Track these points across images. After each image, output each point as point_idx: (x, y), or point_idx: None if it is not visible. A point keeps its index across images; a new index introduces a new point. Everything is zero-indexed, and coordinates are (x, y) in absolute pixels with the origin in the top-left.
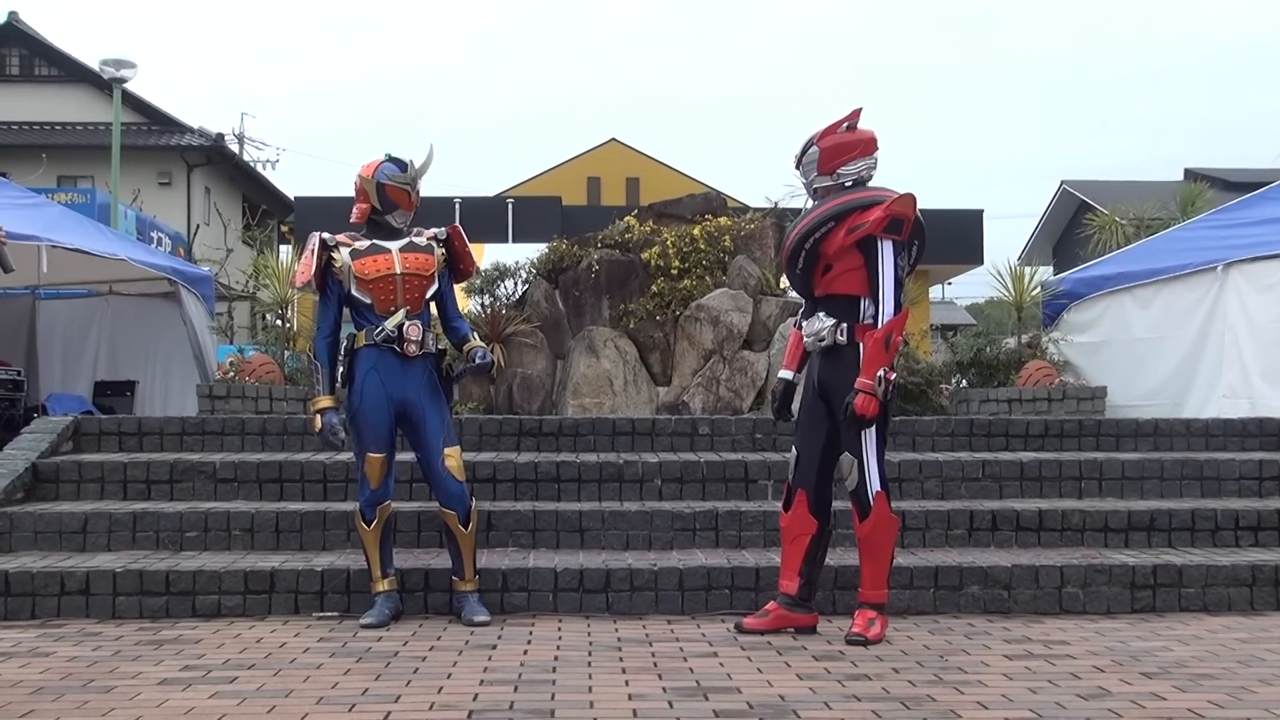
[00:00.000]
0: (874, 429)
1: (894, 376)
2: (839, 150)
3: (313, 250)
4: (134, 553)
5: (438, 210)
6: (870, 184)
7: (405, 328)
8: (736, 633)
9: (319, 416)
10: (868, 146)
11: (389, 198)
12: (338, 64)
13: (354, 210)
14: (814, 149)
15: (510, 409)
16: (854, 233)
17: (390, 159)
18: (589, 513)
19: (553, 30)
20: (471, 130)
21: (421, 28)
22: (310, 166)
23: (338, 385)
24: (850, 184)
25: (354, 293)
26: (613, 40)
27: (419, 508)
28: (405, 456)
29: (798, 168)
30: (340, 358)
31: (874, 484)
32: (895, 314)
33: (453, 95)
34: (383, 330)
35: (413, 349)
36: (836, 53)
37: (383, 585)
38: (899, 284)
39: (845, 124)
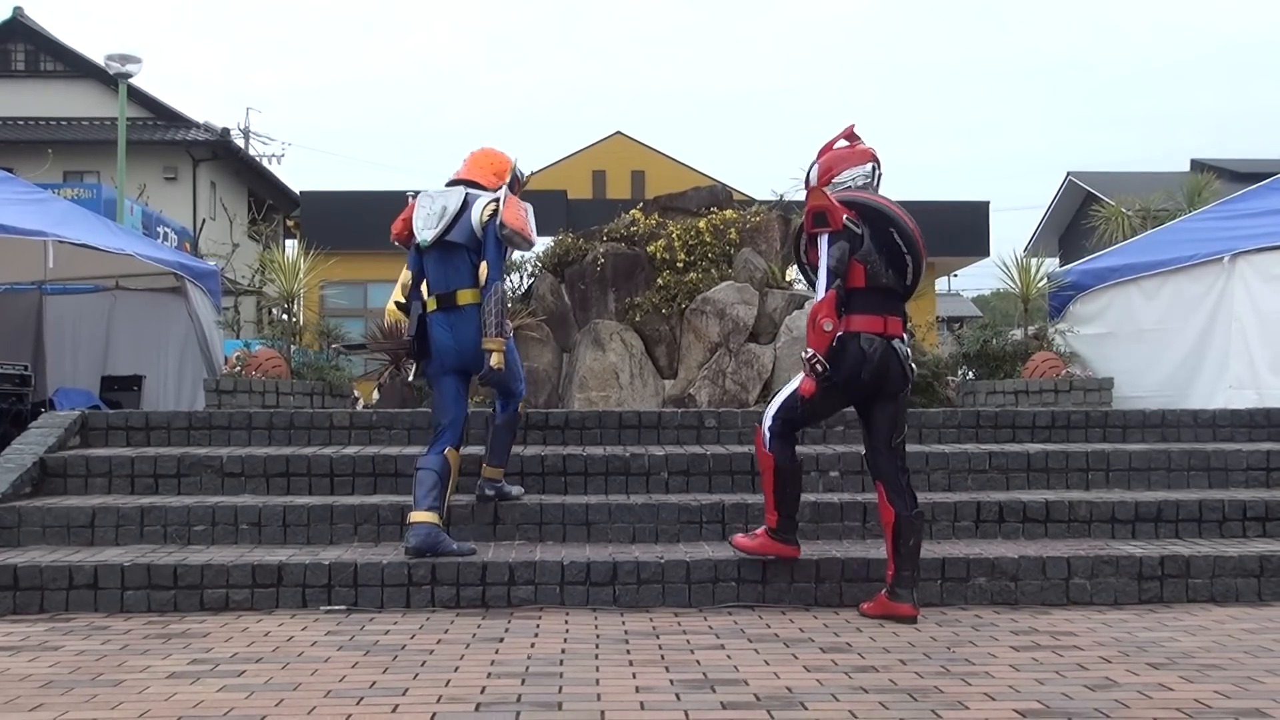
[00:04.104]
0: (790, 388)
1: (809, 355)
2: (832, 163)
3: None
4: (142, 547)
5: None
6: (875, 190)
7: None
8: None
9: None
10: (861, 157)
11: (517, 188)
12: (350, 61)
13: (497, 178)
14: (814, 166)
15: None
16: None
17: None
18: (596, 506)
19: (562, 27)
20: (480, 126)
21: (434, 26)
22: (317, 162)
23: None
24: (852, 189)
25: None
26: (621, 37)
27: None
28: (420, 448)
29: (807, 187)
30: (500, 305)
31: (764, 420)
32: (821, 297)
33: (462, 92)
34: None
35: None
36: (845, 48)
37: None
38: (830, 272)
39: (840, 139)
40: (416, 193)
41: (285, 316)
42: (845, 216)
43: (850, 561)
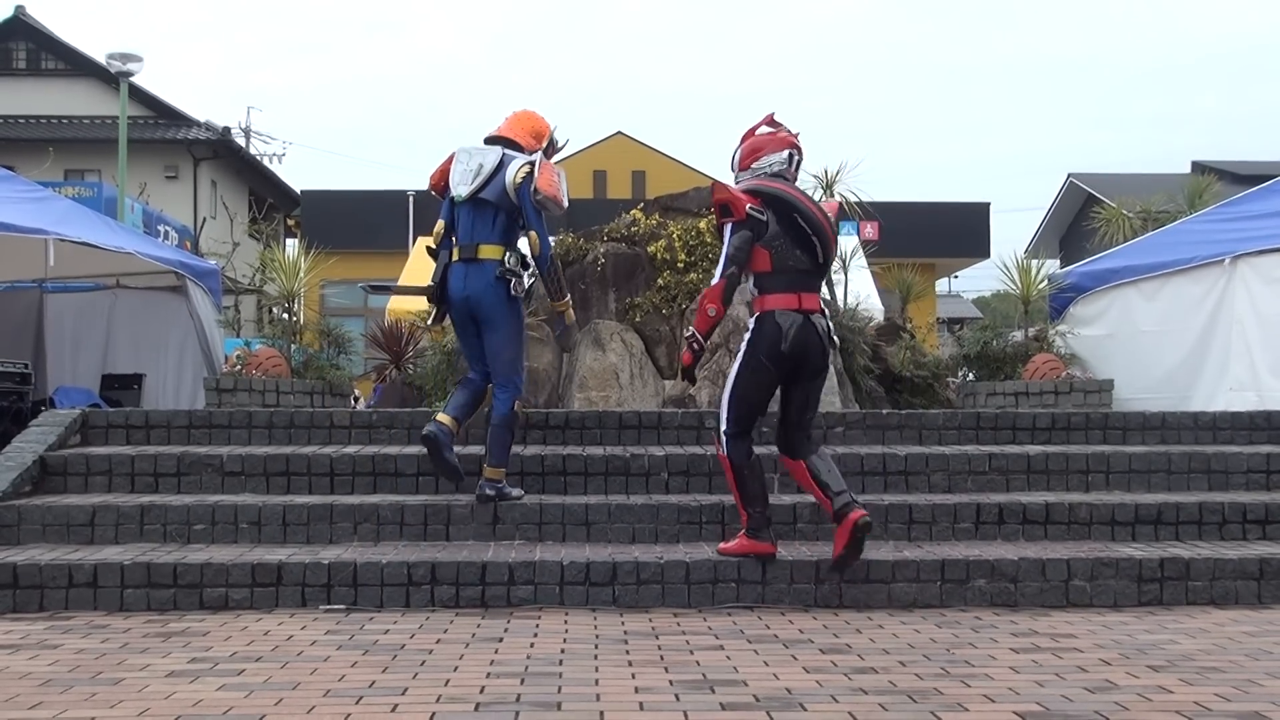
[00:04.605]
0: (729, 384)
1: (688, 333)
2: (754, 148)
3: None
4: (141, 545)
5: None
6: (789, 176)
7: None
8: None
9: (571, 312)
10: (780, 144)
11: (551, 153)
12: (351, 60)
13: (535, 140)
14: (738, 150)
15: None
16: None
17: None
18: (595, 506)
19: (564, 27)
20: (482, 126)
21: (438, 25)
22: (317, 161)
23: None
24: (764, 177)
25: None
26: (622, 37)
27: (425, 501)
28: (420, 447)
29: (732, 170)
30: (558, 271)
31: (720, 424)
32: (713, 285)
33: (465, 91)
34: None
35: None
36: (847, 49)
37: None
38: (728, 259)
39: (762, 125)
40: (418, 192)
41: (286, 315)
42: (749, 205)
43: None
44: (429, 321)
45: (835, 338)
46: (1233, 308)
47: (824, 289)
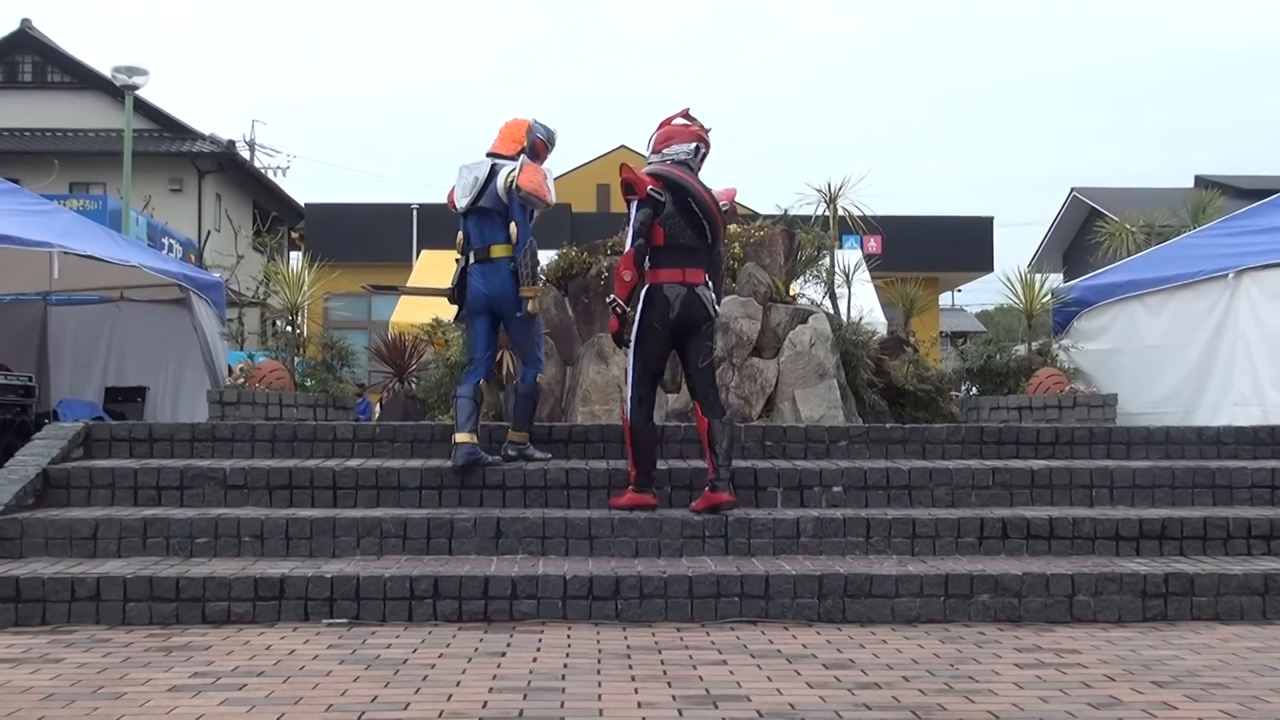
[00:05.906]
0: (630, 355)
1: (610, 299)
2: (667, 136)
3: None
4: (144, 559)
5: (446, 216)
6: (693, 165)
7: None
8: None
9: (536, 304)
10: (690, 136)
11: (542, 148)
12: (358, 73)
13: (516, 144)
14: (654, 135)
15: None
16: None
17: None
18: (598, 520)
19: (570, 39)
20: (486, 139)
21: (443, 38)
22: (321, 174)
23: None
24: (670, 163)
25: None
26: (628, 50)
27: (428, 514)
28: (423, 461)
29: (646, 152)
30: (533, 259)
31: (626, 393)
32: (625, 254)
33: (470, 104)
34: None
35: None
36: (851, 63)
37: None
38: (635, 232)
39: (678, 117)
40: (423, 205)
41: (289, 329)
42: (650, 187)
43: (854, 577)
44: (454, 319)
45: (718, 308)
46: (1236, 322)
47: (829, 294)
